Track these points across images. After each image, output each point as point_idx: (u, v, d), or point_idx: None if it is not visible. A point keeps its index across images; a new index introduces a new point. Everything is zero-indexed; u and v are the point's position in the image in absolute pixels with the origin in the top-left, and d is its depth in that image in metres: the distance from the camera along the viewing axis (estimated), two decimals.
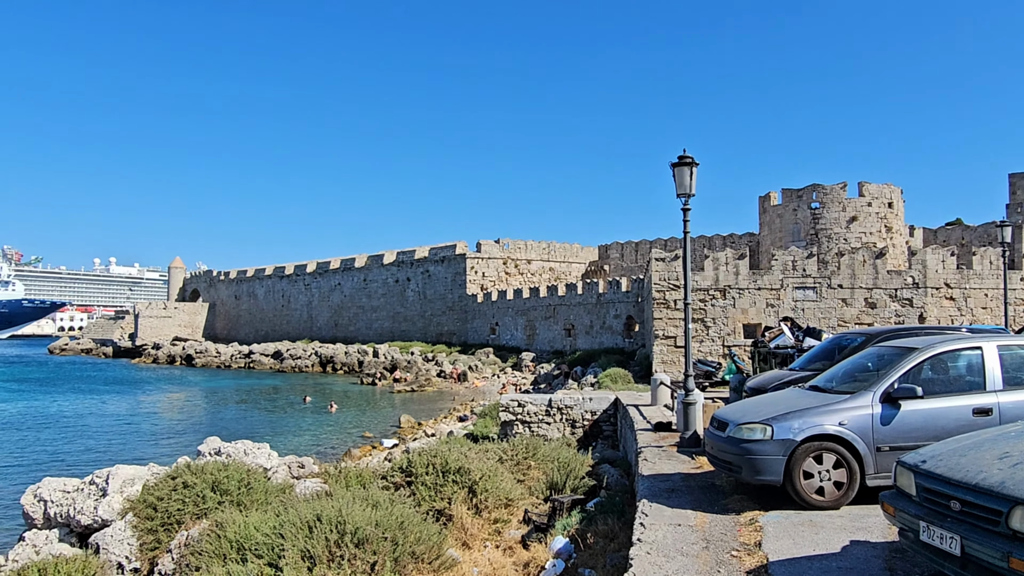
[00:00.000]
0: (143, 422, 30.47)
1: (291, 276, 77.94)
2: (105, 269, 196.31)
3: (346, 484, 10.95)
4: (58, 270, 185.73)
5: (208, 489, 10.06)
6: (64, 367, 65.88)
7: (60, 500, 10.02)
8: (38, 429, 28.18)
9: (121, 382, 50.49)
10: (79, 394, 41.55)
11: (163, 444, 24.67)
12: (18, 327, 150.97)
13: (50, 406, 35.65)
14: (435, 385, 43.69)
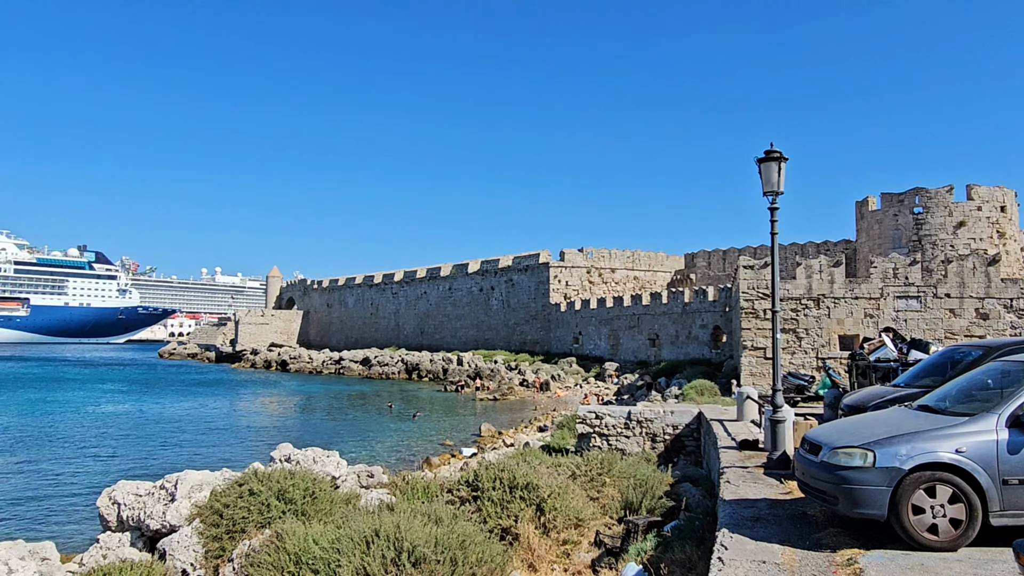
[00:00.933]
0: (235, 425, 31.26)
1: (379, 285, 79.42)
2: (211, 278, 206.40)
3: (412, 497, 10.54)
4: (170, 279, 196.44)
5: (273, 497, 9.82)
6: (170, 370, 69.18)
7: (132, 503, 10.00)
8: (141, 429, 29.33)
9: (220, 385, 52.43)
10: (181, 396, 43.29)
11: (250, 446, 25.13)
12: (134, 332, 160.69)
13: (153, 407, 37.20)
14: (517, 394, 43.26)
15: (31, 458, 22.78)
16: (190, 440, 26.75)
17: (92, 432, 28.36)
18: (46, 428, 29.47)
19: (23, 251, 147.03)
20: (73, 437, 27.14)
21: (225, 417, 33.66)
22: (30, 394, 43.85)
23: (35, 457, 22.99)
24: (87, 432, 28.35)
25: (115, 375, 61.63)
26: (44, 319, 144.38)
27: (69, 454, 23.69)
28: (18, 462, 22.08)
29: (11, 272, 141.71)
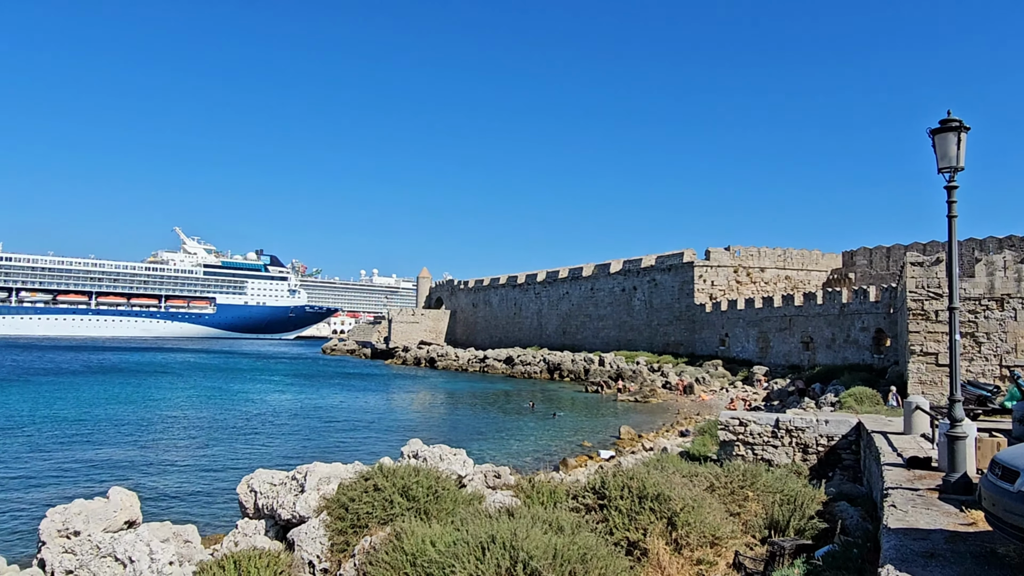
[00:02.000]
0: (380, 419, 32.20)
1: (522, 285, 79.93)
2: (369, 280, 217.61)
3: (535, 501, 9.97)
4: (333, 281, 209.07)
5: (397, 494, 9.58)
6: (330, 365, 73.22)
7: (267, 492, 10.13)
8: (295, 419, 30.89)
9: (372, 380, 54.69)
10: (336, 390, 45.45)
11: (388, 441, 25.62)
12: (302, 329, 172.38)
13: (310, 400, 39.24)
14: (659, 396, 41.76)
15: (197, 441, 24.47)
16: (337, 432, 27.76)
17: (253, 420, 30.19)
18: (216, 414, 31.74)
19: (211, 256, 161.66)
20: (236, 424, 28.99)
21: (372, 411, 34.81)
22: (211, 383, 47.74)
23: (200, 440, 24.68)
24: (249, 420, 30.22)
25: (282, 368, 66.03)
26: (227, 316, 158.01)
27: (230, 439, 25.24)
28: (184, 444, 23.79)
29: (201, 275, 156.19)
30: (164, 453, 22.27)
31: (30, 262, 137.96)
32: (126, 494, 9.15)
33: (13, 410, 31.32)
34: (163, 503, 15.57)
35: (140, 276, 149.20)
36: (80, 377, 49.70)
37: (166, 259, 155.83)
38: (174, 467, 20.04)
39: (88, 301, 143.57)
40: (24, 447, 22.89)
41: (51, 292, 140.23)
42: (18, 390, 39.91)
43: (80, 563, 8.22)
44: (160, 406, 34.44)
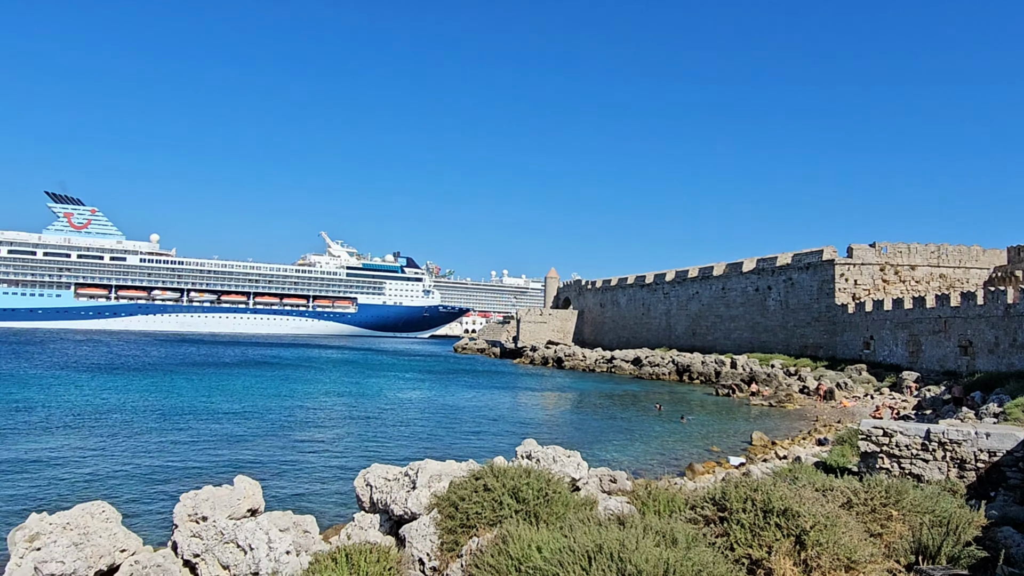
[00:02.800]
0: (503, 417, 32.28)
1: (650, 285, 78.12)
2: (499, 280, 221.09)
3: (650, 509, 9.37)
4: (464, 281, 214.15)
5: (507, 495, 9.29)
6: (460, 363, 74.80)
7: (381, 487, 10.15)
8: (423, 415, 31.57)
9: (500, 379, 55.22)
10: (464, 387, 46.22)
11: (507, 439, 25.52)
12: (436, 328, 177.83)
13: (439, 396, 40.08)
14: (796, 402, 39.31)
15: (330, 433, 25.46)
16: (460, 429, 28.03)
17: (384, 414, 31.12)
18: (351, 408, 33.02)
19: (352, 258, 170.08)
20: (368, 417, 29.99)
21: (496, 409, 34.98)
22: (350, 377, 49.97)
23: (333, 432, 25.66)
24: (381, 414, 31.18)
25: (416, 365, 68.16)
26: (367, 315, 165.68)
27: (361, 432, 26.08)
28: (318, 435, 24.78)
29: (344, 276, 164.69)
30: (297, 443, 23.31)
31: (198, 266, 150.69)
32: (249, 483, 9.43)
33: (176, 397, 34.05)
34: (288, 492, 16.18)
35: (291, 278, 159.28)
36: (236, 369, 53.51)
37: (313, 262, 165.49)
38: (305, 457, 20.90)
39: (247, 301, 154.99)
40: (178, 431, 24.72)
41: (216, 293, 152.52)
42: (183, 379, 43.43)
43: (206, 547, 8.51)
44: (302, 398, 36.31)
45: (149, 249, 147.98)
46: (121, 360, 60.09)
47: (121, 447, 22.03)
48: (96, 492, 15.88)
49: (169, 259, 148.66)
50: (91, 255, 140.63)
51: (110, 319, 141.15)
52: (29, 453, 20.46)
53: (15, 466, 18.60)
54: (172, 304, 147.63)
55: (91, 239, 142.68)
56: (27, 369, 48.20)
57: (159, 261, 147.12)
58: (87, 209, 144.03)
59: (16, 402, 31.06)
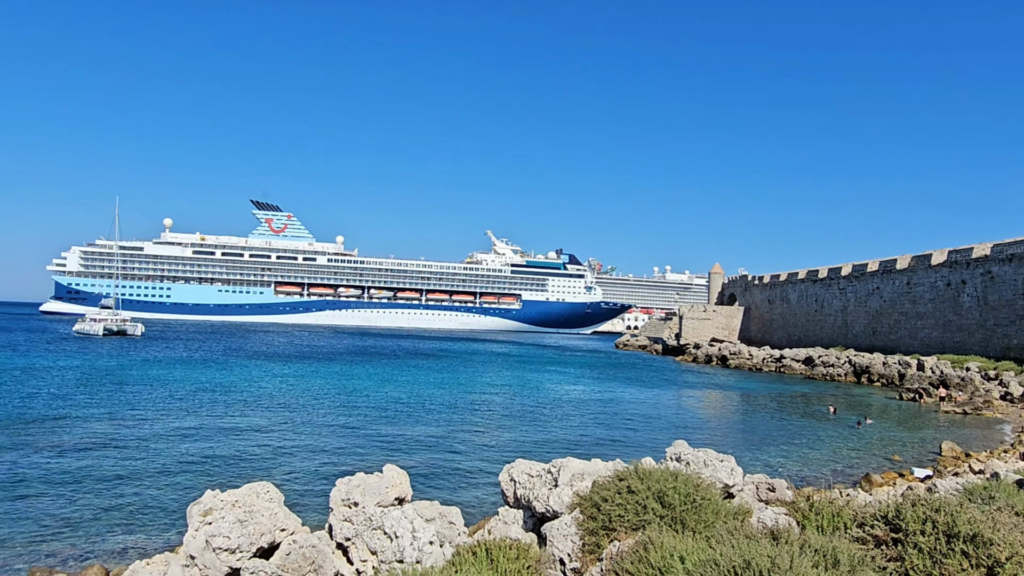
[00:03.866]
0: (662, 415, 31.22)
1: (824, 280, 72.62)
2: (661, 276, 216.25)
3: (813, 523, 8.42)
4: (626, 278, 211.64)
5: (652, 499, 8.75)
6: (622, 359, 73.82)
7: (525, 483, 9.96)
8: (580, 409, 31.27)
9: (661, 376, 53.74)
10: (624, 384, 45.43)
11: (659, 438, 24.55)
12: (598, 324, 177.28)
13: (597, 391, 39.62)
14: (996, 410, 34.72)
15: (487, 424, 25.83)
16: (614, 425, 27.41)
17: (542, 408, 31.18)
18: (511, 400, 33.44)
19: (517, 256, 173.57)
20: (526, 411, 30.17)
21: (654, 407, 33.92)
22: (512, 371, 50.85)
23: (490, 424, 26.02)
24: (539, 408, 31.28)
25: (576, 361, 68.13)
26: (531, 312, 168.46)
27: (518, 425, 26.25)
28: (475, 426, 25.21)
29: (508, 273, 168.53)
30: (454, 433, 23.86)
31: (377, 265, 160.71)
32: (397, 471, 9.59)
33: (351, 385, 36.30)
34: (439, 481, 16.49)
35: (459, 275, 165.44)
36: (407, 361, 56.25)
37: (480, 260, 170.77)
38: (459, 447, 21.30)
39: (419, 297, 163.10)
40: (347, 417, 26.23)
41: (392, 290, 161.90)
42: (360, 368, 46.29)
43: (356, 532, 8.74)
44: (463, 390, 37.36)
45: (335, 250, 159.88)
46: (310, 350, 65.28)
47: (295, 429, 23.75)
48: (266, 471, 17.15)
49: (352, 259, 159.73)
50: (287, 256, 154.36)
51: (303, 314, 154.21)
52: (218, 431, 22.58)
53: (205, 442, 20.57)
54: (355, 300, 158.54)
55: (287, 242, 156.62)
56: (234, 357, 53.64)
57: (344, 261, 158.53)
58: (284, 215, 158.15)
59: (218, 385, 34.56)
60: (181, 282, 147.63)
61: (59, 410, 25.78)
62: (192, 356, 53.84)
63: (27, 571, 10.73)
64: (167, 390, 32.58)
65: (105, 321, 79.06)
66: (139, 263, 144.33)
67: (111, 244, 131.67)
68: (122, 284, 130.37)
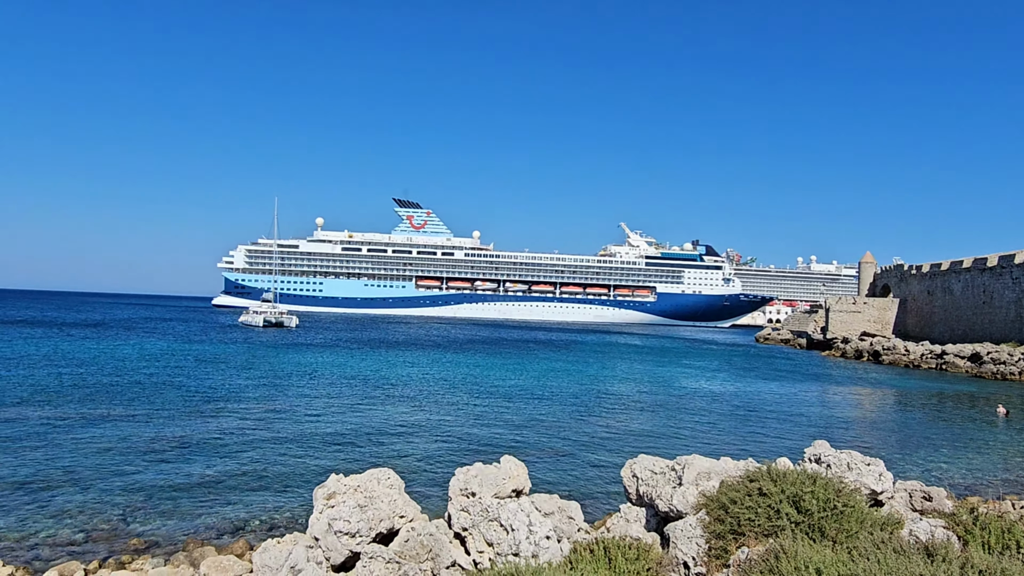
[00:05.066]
0: (802, 413, 29.18)
1: (994, 269, 65.30)
2: (806, 267, 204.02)
3: (978, 539, 7.35)
4: (767, 269, 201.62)
5: (786, 503, 8.00)
6: (762, 354, 70.24)
7: (647, 479, 9.45)
8: (716, 404, 29.89)
9: (805, 372, 50.53)
10: (764, 379, 43.10)
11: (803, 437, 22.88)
12: (736, 318, 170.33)
13: (734, 386, 37.81)
14: None
15: (617, 417, 25.21)
16: (748, 422, 25.89)
17: (674, 402, 30.09)
18: (642, 393, 32.57)
19: (651, 247, 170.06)
20: (657, 404, 29.23)
21: (794, 404, 31.78)
22: (646, 365, 49.72)
23: (619, 416, 25.37)
24: (670, 401, 30.22)
25: (712, 355, 65.58)
26: (666, 304, 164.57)
27: (648, 417, 25.45)
28: (604, 419, 24.66)
29: (643, 265, 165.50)
30: (579, 425, 23.47)
31: (512, 259, 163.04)
32: (515, 463, 9.39)
33: (483, 375, 36.83)
34: (560, 474, 16.15)
35: (593, 268, 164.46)
36: (540, 352, 56.44)
37: (613, 252, 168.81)
38: (583, 440, 20.86)
39: (553, 290, 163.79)
40: (473, 406, 26.51)
41: (527, 283, 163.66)
42: (493, 360, 46.96)
43: (473, 523, 8.63)
44: (594, 382, 36.87)
45: (472, 245, 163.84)
46: (446, 341, 67.20)
47: (423, 415, 24.31)
48: (391, 456, 17.59)
49: (488, 253, 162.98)
50: (427, 251, 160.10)
51: (441, 307, 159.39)
52: (353, 415, 23.54)
53: (342, 425, 21.48)
54: (491, 294, 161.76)
55: (427, 237, 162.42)
56: (376, 346, 56.19)
57: (480, 255, 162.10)
58: (423, 211, 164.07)
59: (359, 372, 36.22)
60: (332, 277, 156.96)
61: (224, 392, 27.98)
62: (339, 346, 56.94)
63: (184, 542, 11.54)
64: (315, 377, 34.55)
65: (265, 313, 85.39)
66: (295, 260, 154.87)
67: (271, 243, 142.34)
68: (280, 279, 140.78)
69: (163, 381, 31.26)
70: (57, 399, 25.12)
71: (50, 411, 22.71)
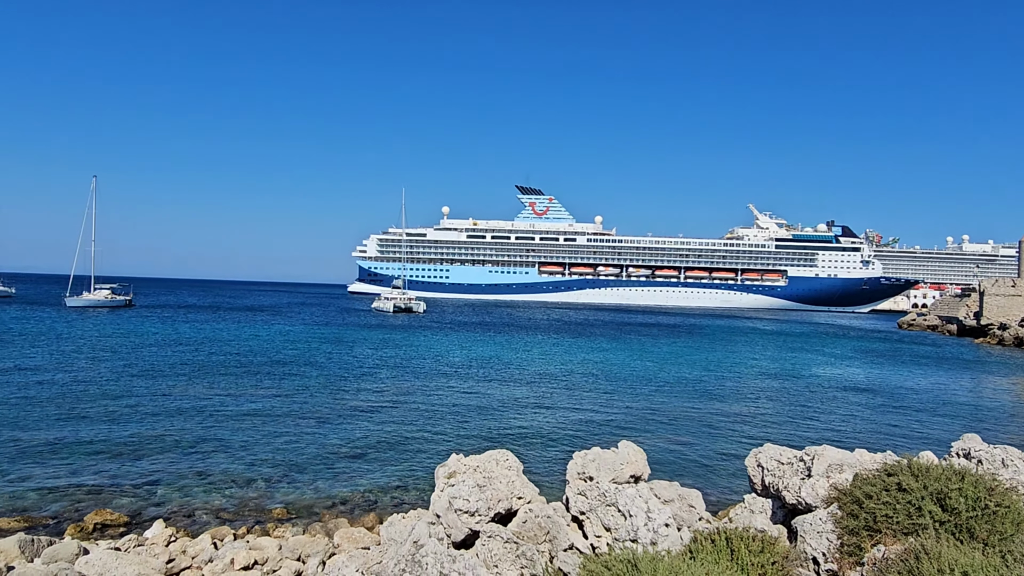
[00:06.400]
0: (948, 403, 26.75)
1: None
2: (957, 247, 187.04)
3: None
4: (912, 250, 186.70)
5: (929, 500, 7.37)
6: (905, 340, 65.20)
7: (774, 469, 9.00)
8: (854, 394, 28.06)
9: (955, 360, 46.39)
10: (906, 367, 40.05)
11: (947, 430, 20.95)
12: (877, 302, 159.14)
13: (875, 374, 35.35)
14: None
15: (741, 406, 24.20)
16: (889, 412, 24.07)
17: (801, 391, 28.51)
18: (774, 382, 31.10)
19: (781, 229, 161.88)
20: (781, 393, 27.82)
21: (941, 394, 29.17)
22: (781, 352, 47.49)
23: (744, 406, 24.33)
24: (798, 391, 28.65)
25: (848, 342, 61.59)
26: (798, 288, 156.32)
27: (775, 407, 24.24)
28: (726, 406, 23.73)
29: (772, 248, 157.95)
30: (701, 412, 22.72)
31: (635, 243, 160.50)
32: (634, 448, 9.22)
33: (604, 359, 36.52)
34: (678, 461, 15.68)
35: (719, 252, 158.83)
36: (662, 338, 55.27)
37: (741, 235, 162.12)
38: (704, 428, 20.16)
39: (678, 275, 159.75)
40: (594, 390, 26.28)
41: (650, 268, 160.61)
42: (615, 344, 46.47)
43: (590, 507, 8.58)
44: (718, 368, 35.63)
45: (594, 230, 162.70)
46: (568, 326, 67.25)
47: (543, 397, 24.43)
48: (510, 437, 17.78)
49: (610, 238, 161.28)
50: (549, 237, 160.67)
51: (564, 293, 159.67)
52: (474, 395, 24.04)
53: (462, 406, 21.97)
54: (613, 279, 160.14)
55: (549, 224, 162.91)
56: (501, 331, 57.16)
57: (602, 241, 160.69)
58: (545, 198, 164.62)
59: (483, 356, 36.95)
60: (457, 264, 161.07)
61: (359, 373, 29.48)
62: (464, 330, 58.41)
63: (320, 513, 12.26)
64: (441, 359, 35.65)
65: (395, 300, 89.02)
66: (422, 248, 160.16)
67: (400, 232, 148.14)
68: (409, 267, 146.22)
69: (306, 361, 33.40)
70: (216, 375, 27.43)
71: (209, 386, 24.85)
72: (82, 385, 24.43)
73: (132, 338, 42.58)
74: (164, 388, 24.44)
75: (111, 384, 24.99)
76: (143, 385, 24.91)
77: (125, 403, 21.38)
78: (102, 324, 53.00)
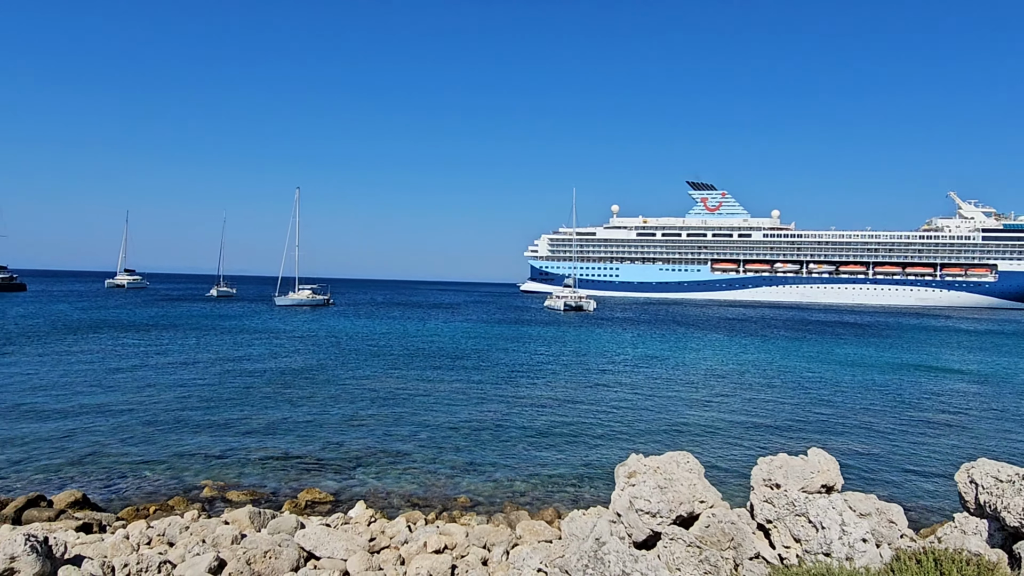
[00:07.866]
0: None
1: None
2: None
3: None
4: None
5: None
6: None
7: (990, 487, 8.00)
8: None
9: None
10: None
11: None
12: None
13: None
14: None
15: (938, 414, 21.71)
16: None
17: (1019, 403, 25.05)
18: (971, 386, 27.67)
19: (990, 219, 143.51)
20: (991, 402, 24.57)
21: None
22: (979, 355, 42.27)
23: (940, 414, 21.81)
24: (1016, 401, 25.19)
25: None
26: (1011, 284, 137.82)
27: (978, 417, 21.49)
28: (918, 417, 21.38)
29: (979, 240, 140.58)
30: (897, 420, 20.63)
31: (816, 238, 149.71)
32: (825, 457, 8.62)
33: (784, 362, 34.39)
34: (876, 474, 14.32)
35: (914, 245, 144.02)
36: (849, 338, 51.04)
37: (940, 226, 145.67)
38: (903, 437, 18.28)
39: (866, 271, 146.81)
40: (773, 393, 24.76)
41: (834, 264, 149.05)
42: (796, 345, 43.65)
43: (777, 515, 8.16)
44: (920, 372, 32.25)
45: (771, 225, 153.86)
46: (744, 325, 64.16)
47: (721, 400, 23.41)
48: (688, 439, 17.21)
49: (789, 233, 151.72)
50: (722, 234, 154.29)
51: (738, 291, 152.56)
52: (651, 396, 23.56)
53: (638, 406, 21.64)
54: (792, 276, 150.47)
55: (721, 219, 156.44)
56: (673, 330, 55.83)
57: (780, 236, 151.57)
58: (718, 193, 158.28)
59: (657, 356, 36.27)
60: (627, 262, 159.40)
61: (536, 368, 30.20)
62: (636, 328, 57.71)
63: (502, 504, 12.70)
64: (614, 357, 35.51)
65: (566, 298, 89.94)
66: (592, 246, 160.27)
67: (570, 231, 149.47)
68: (579, 265, 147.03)
69: (485, 355, 34.84)
70: (406, 367, 29.38)
71: (400, 377, 26.66)
72: (291, 374, 27.23)
73: (334, 335, 46.66)
74: (362, 378, 26.61)
75: (318, 372, 27.68)
76: (345, 375, 27.32)
77: (327, 391, 23.54)
78: (308, 321, 58.63)
